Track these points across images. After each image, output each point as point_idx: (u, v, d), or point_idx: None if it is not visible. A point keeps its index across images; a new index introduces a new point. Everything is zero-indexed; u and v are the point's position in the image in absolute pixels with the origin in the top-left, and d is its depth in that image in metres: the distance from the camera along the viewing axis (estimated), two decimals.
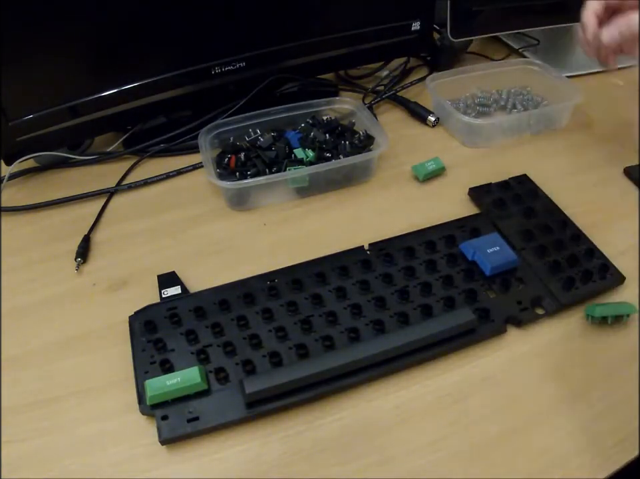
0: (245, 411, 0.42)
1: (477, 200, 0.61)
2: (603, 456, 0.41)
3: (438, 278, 0.51)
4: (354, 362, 0.43)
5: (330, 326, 0.47)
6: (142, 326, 0.47)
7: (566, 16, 0.84)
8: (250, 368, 0.44)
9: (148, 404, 0.42)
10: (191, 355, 0.45)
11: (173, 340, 0.46)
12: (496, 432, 0.42)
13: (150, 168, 0.68)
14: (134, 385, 0.44)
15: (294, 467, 0.40)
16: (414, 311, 0.48)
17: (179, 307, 0.49)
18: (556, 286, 0.51)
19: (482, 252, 0.51)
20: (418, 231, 0.56)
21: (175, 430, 0.41)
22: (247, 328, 0.47)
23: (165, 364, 0.45)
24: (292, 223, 0.60)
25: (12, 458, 0.41)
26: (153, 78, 0.64)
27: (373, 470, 0.40)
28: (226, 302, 0.49)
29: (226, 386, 0.43)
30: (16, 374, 0.46)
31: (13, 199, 0.64)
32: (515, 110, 0.75)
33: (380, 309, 0.49)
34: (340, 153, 0.63)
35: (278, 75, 0.71)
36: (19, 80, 0.58)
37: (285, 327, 0.47)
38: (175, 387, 0.42)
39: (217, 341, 0.46)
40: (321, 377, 0.43)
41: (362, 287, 0.50)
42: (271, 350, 0.45)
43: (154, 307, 0.49)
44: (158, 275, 0.52)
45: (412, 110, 0.76)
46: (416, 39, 0.77)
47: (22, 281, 0.54)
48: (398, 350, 0.45)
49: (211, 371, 0.44)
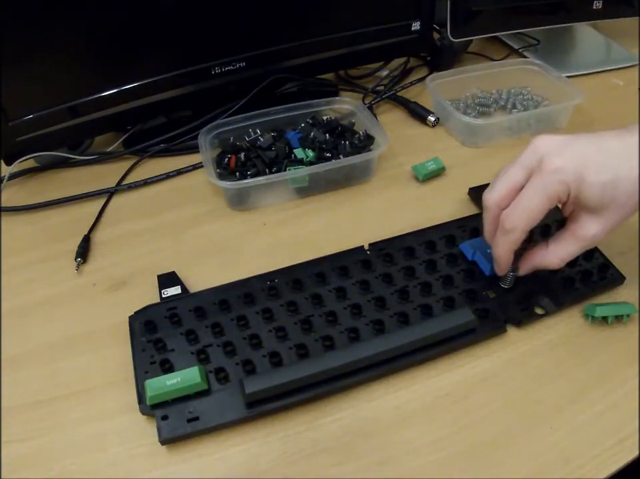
0: (245, 411, 0.42)
1: (477, 200, 0.61)
2: (603, 456, 0.41)
3: (438, 278, 0.51)
4: (354, 362, 0.43)
5: (330, 326, 0.47)
6: (142, 326, 0.47)
7: (566, 16, 0.85)
8: (250, 368, 0.44)
9: (148, 404, 0.42)
10: (191, 355, 0.45)
11: (173, 340, 0.46)
12: (496, 432, 0.42)
13: (150, 168, 0.68)
14: (134, 385, 0.44)
15: (294, 467, 0.40)
16: (414, 311, 0.48)
17: (179, 307, 0.49)
18: (556, 286, 0.51)
19: (482, 252, 0.51)
20: (417, 231, 0.56)
21: (175, 430, 0.41)
22: (247, 328, 0.47)
23: (165, 364, 0.44)
24: (292, 223, 0.60)
25: (12, 458, 0.41)
26: (153, 78, 0.64)
27: (373, 470, 0.40)
28: (226, 302, 0.49)
29: (226, 386, 0.43)
30: (16, 374, 0.46)
31: (13, 199, 0.64)
32: (515, 110, 0.75)
33: (380, 309, 0.48)
34: (340, 153, 0.63)
35: (278, 75, 0.71)
36: (19, 80, 0.58)
37: (285, 327, 0.47)
38: (175, 387, 0.41)
39: (217, 341, 0.46)
40: (321, 377, 0.43)
41: (362, 287, 0.50)
42: (271, 350, 0.45)
43: (154, 307, 0.49)
44: (158, 275, 0.52)
45: (412, 110, 0.76)
46: (416, 39, 0.77)
47: (22, 281, 0.54)
48: (398, 350, 0.44)
49: (211, 371, 0.44)
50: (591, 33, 0.97)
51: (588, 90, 0.72)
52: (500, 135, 0.70)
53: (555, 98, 0.74)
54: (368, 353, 0.44)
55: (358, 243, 0.55)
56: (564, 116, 0.72)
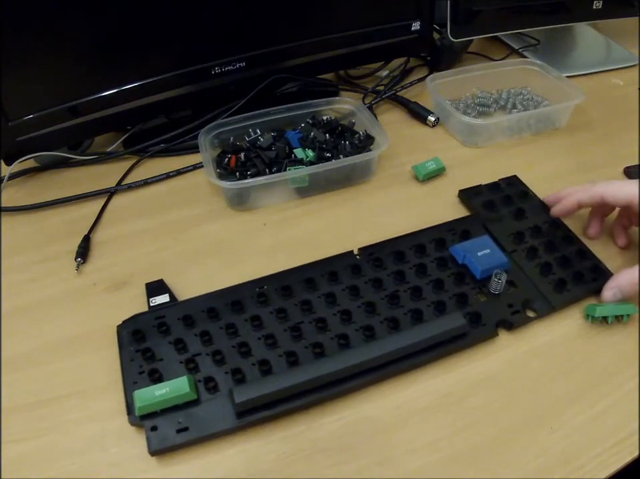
0: (235, 420, 0.41)
1: (467, 202, 0.60)
2: (603, 456, 0.41)
3: (428, 282, 0.50)
4: (344, 369, 0.43)
5: (320, 332, 0.47)
6: (130, 335, 0.46)
7: (566, 16, 0.85)
8: (239, 377, 0.43)
9: (137, 415, 0.41)
10: (180, 364, 0.44)
11: (161, 350, 0.45)
12: (496, 432, 0.42)
13: (150, 168, 0.68)
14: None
15: (294, 467, 0.40)
16: (404, 316, 0.48)
17: (168, 316, 0.48)
18: (547, 288, 0.50)
19: (472, 255, 0.51)
20: (407, 235, 0.55)
21: (164, 441, 0.40)
22: (236, 336, 0.46)
23: (154, 374, 0.44)
24: (292, 223, 0.60)
25: (12, 458, 0.41)
26: (153, 78, 0.64)
27: (373, 470, 0.40)
28: (214, 310, 0.48)
29: (216, 396, 0.43)
30: (16, 374, 0.46)
31: (13, 199, 0.64)
32: (515, 110, 0.75)
33: (371, 315, 0.48)
34: (340, 153, 0.63)
35: (278, 75, 0.71)
36: (19, 80, 0.58)
37: (274, 335, 0.46)
38: (164, 397, 0.41)
39: (206, 350, 0.45)
40: (311, 385, 0.42)
41: (351, 292, 0.49)
42: (260, 359, 0.44)
43: (142, 315, 0.48)
44: (146, 283, 0.52)
45: (412, 110, 0.76)
46: (416, 39, 0.77)
47: (22, 281, 0.54)
48: (388, 356, 0.44)
49: (200, 380, 0.43)
50: (591, 33, 0.97)
51: (588, 90, 0.72)
52: (500, 135, 0.70)
53: (555, 98, 0.74)
54: (358, 360, 0.43)
55: (358, 243, 0.55)
56: (564, 116, 0.72)
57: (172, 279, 0.53)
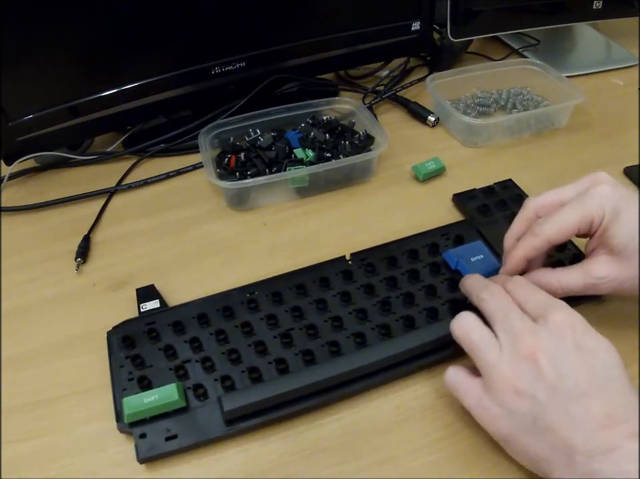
0: (224, 428, 0.41)
1: (461, 206, 0.60)
2: None
3: (420, 288, 0.49)
4: (334, 377, 0.42)
5: (310, 339, 0.46)
6: (119, 341, 0.46)
7: (566, 16, 0.85)
8: (229, 384, 0.43)
9: (126, 423, 0.41)
10: (170, 371, 0.44)
11: (151, 356, 0.45)
12: None
13: (150, 168, 0.68)
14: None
15: (293, 467, 0.40)
16: (396, 323, 0.47)
17: (158, 322, 0.47)
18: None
19: (466, 260, 0.50)
20: (400, 240, 0.55)
21: (153, 449, 0.40)
22: (226, 343, 0.46)
23: (144, 381, 0.43)
24: (292, 223, 0.60)
25: (12, 458, 0.41)
26: (153, 78, 0.64)
27: (373, 470, 0.40)
28: (205, 316, 0.47)
29: (205, 403, 0.42)
30: (16, 374, 0.46)
31: (13, 199, 0.64)
32: (515, 110, 0.75)
33: (362, 321, 0.47)
34: (340, 153, 0.63)
35: (278, 75, 0.71)
36: (19, 80, 0.58)
37: (264, 341, 0.45)
38: (153, 405, 0.40)
39: (195, 356, 0.45)
40: (301, 393, 0.42)
41: (343, 298, 0.49)
42: (250, 366, 0.44)
43: (132, 321, 0.48)
44: (137, 288, 0.51)
45: (412, 110, 0.76)
46: (416, 39, 0.77)
47: (22, 281, 0.54)
48: (379, 364, 0.43)
49: (190, 387, 0.43)
50: (591, 33, 0.97)
51: (588, 90, 0.72)
52: (500, 135, 0.70)
53: (555, 98, 0.74)
54: (349, 367, 0.42)
55: (358, 243, 0.55)
56: (564, 116, 0.72)
57: (172, 279, 0.53)
